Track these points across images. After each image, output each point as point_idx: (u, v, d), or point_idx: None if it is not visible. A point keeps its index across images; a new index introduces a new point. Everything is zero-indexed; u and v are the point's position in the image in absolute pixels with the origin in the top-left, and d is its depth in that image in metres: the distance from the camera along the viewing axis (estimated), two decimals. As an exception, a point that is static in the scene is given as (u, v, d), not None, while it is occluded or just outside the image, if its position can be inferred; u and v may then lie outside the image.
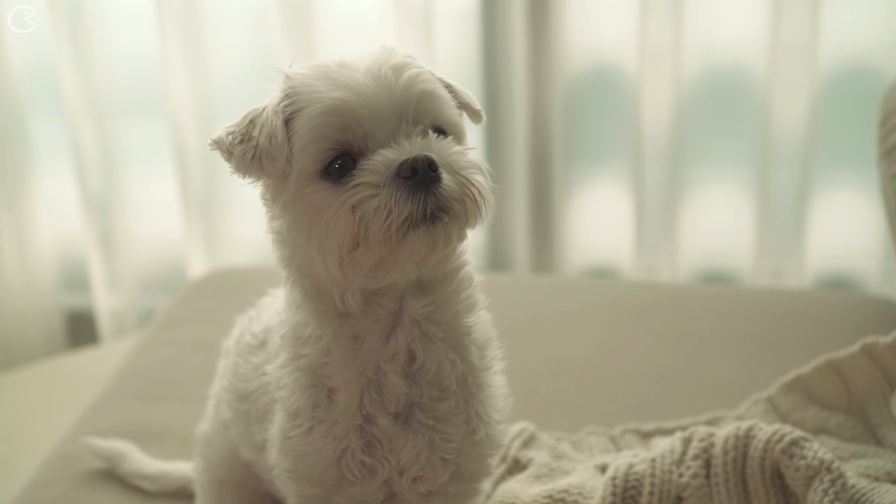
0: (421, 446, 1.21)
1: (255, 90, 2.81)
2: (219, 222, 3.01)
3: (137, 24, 2.88)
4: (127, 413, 1.85)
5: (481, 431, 1.25)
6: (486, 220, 1.16)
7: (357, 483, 1.23)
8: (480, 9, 2.75)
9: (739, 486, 1.47)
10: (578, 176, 2.88)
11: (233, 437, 1.45)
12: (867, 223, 2.78)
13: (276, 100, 1.16)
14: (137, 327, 3.10)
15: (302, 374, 1.22)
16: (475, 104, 1.24)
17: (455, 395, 1.22)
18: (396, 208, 1.08)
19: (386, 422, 1.21)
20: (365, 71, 1.14)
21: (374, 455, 1.22)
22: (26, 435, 2.43)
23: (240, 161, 1.15)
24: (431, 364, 1.21)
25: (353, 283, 1.15)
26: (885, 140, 1.93)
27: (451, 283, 1.21)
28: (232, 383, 1.41)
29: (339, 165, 1.12)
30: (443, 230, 1.11)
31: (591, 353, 1.99)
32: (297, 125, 1.14)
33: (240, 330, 1.44)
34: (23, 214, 3.03)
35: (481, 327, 1.27)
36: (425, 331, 1.20)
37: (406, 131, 1.13)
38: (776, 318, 2.06)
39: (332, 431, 1.22)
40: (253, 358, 1.37)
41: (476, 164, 1.15)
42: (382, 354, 1.19)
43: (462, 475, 1.27)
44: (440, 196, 1.10)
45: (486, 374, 1.27)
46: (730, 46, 2.69)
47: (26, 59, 2.95)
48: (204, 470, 1.52)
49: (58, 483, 1.69)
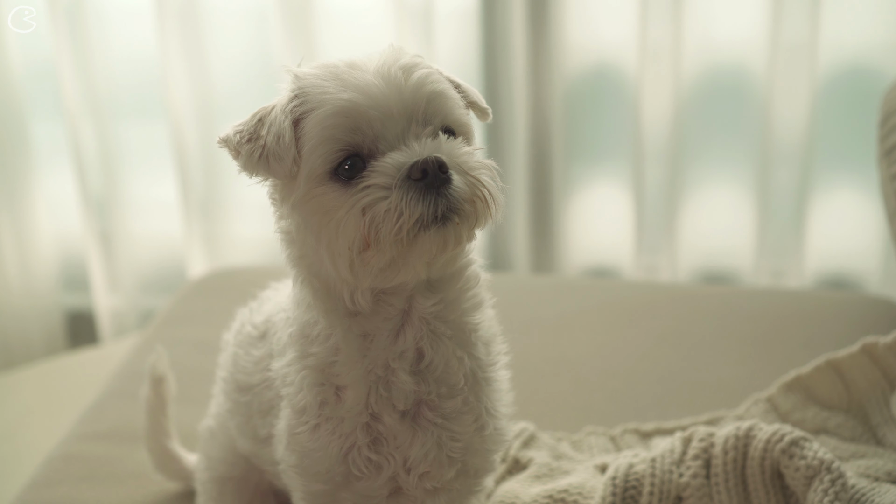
0: (429, 445, 1.22)
1: (256, 90, 2.82)
2: (219, 222, 3.01)
3: (137, 24, 2.88)
4: (127, 413, 1.85)
5: (490, 427, 1.26)
6: (495, 221, 1.16)
7: (363, 479, 1.23)
8: (480, 9, 2.76)
9: (739, 485, 1.47)
10: (578, 176, 2.88)
11: (231, 430, 1.45)
12: (867, 223, 2.78)
13: (286, 100, 1.16)
14: (137, 327, 3.10)
15: (310, 372, 1.23)
16: (482, 102, 1.25)
17: (463, 392, 1.23)
18: (407, 210, 1.09)
19: (392, 419, 1.21)
20: (374, 72, 1.14)
21: (380, 452, 1.23)
22: (26, 435, 2.43)
23: (247, 160, 1.16)
24: (439, 361, 1.21)
25: (364, 283, 1.15)
26: (885, 140, 1.93)
27: (458, 282, 1.22)
28: (231, 374, 1.41)
29: (349, 166, 1.12)
30: (453, 231, 1.12)
31: (591, 353, 1.99)
32: (307, 126, 1.14)
33: (240, 321, 1.45)
34: (23, 214, 3.03)
35: (487, 323, 1.27)
36: (434, 329, 1.21)
37: (416, 132, 1.14)
38: (776, 318, 2.06)
39: (339, 429, 1.22)
40: (254, 350, 1.38)
41: (486, 164, 1.16)
42: (391, 352, 1.20)
43: (468, 472, 1.28)
44: (451, 197, 1.10)
45: (492, 368, 1.28)
46: (730, 46, 2.69)
47: (26, 59, 2.95)
48: (206, 467, 1.52)
49: (58, 483, 1.69)
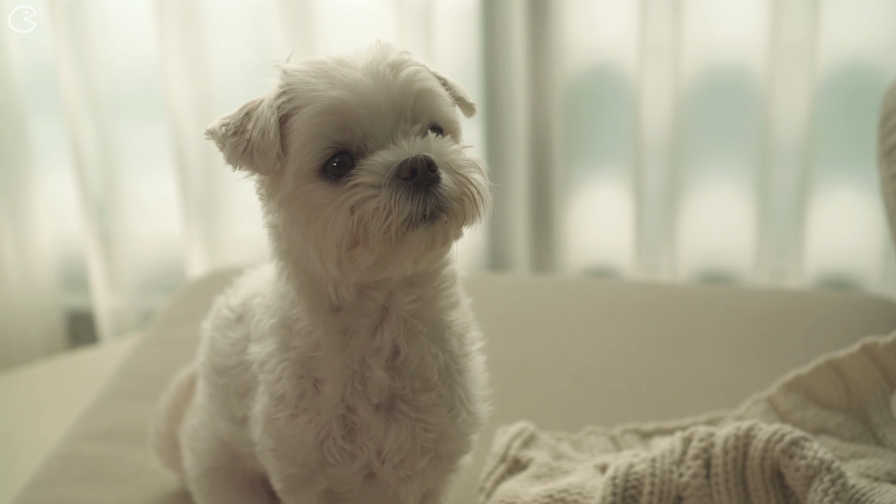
0: (404, 437, 1.24)
1: (255, 90, 2.81)
2: (219, 222, 3.01)
3: (137, 23, 2.88)
4: (127, 413, 1.85)
5: (463, 413, 1.28)
6: (484, 219, 1.17)
7: (337, 466, 1.26)
8: (480, 8, 2.75)
9: (739, 485, 1.47)
10: (578, 176, 2.88)
11: (211, 416, 1.46)
12: (867, 223, 2.78)
13: (273, 95, 1.17)
14: (137, 327, 3.10)
15: (290, 364, 1.24)
16: (469, 98, 1.25)
17: (437, 387, 1.25)
18: (396, 209, 1.09)
19: (367, 412, 1.24)
20: (363, 69, 1.14)
21: (354, 442, 1.25)
22: (26, 435, 2.43)
23: (231, 153, 1.16)
24: (414, 357, 1.23)
25: (351, 278, 1.17)
26: (885, 140, 1.93)
27: (436, 280, 1.24)
28: (210, 357, 1.42)
29: (338, 164, 1.13)
30: (441, 229, 1.12)
31: (591, 353, 1.99)
32: (295, 123, 1.14)
33: (217, 306, 1.46)
34: (23, 214, 3.03)
35: (461, 319, 1.29)
36: (411, 326, 1.23)
37: (404, 130, 1.14)
38: (776, 318, 2.06)
39: (316, 419, 1.25)
40: (230, 332, 1.39)
41: (474, 162, 1.16)
42: (368, 348, 1.22)
43: (441, 457, 1.30)
44: (439, 196, 1.11)
45: (465, 359, 1.30)
46: (730, 45, 2.69)
47: (26, 59, 2.95)
48: (195, 463, 1.53)
49: (58, 483, 1.69)
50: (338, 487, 1.30)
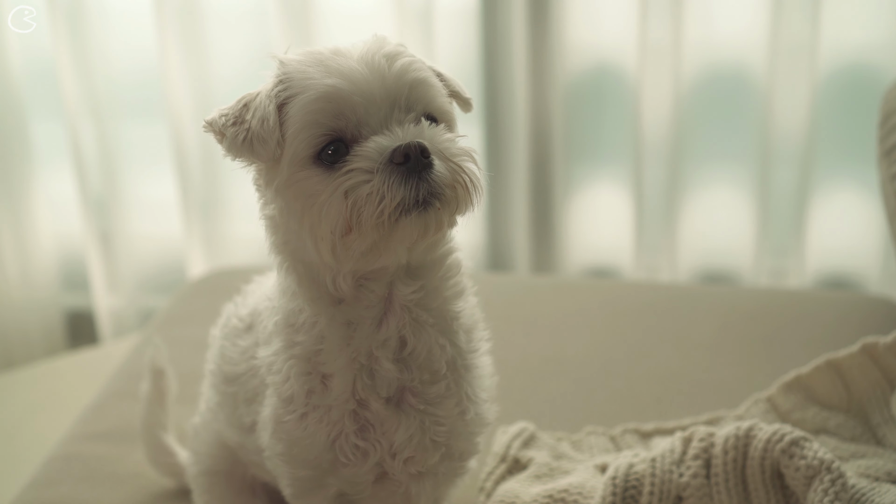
0: (413, 429, 1.24)
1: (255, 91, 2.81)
2: (219, 222, 3.01)
3: (137, 23, 2.88)
4: (127, 413, 1.85)
5: (471, 411, 1.28)
6: (476, 207, 1.18)
7: (350, 465, 1.25)
8: (480, 8, 2.75)
9: (739, 485, 1.47)
10: (579, 176, 2.88)
11: (219, 424, 1.46)
12: (867, 223, 2.77)
13: (270, 85, 1.18)
14: (137, 327, 3.10)
15: (296, 361, 1.24)
16: (465, 93, 1.27)
17: (445, 379, 1.25)
18: (389, 194, 1.10)
19: (378, 406, 1.23)
20: (358, 58, 1.16)
21: (367, 438, 1.25)
22: (26, 435, 2.43)
23: (231, 143, 1.18)
24: (422, 349, 1.23)
25: (345, 266, 1.17)
26: (885, 140, 1.93)
27: (439, 270, 1.24)
28: (219, 366, 1.42)
29: (332, 151, 1.14)
30: (434, 216, 1.13)
31: (591, 353, 1.99)
32: (291, 111, 1.16)
33: (226, 315, 1.46)
34: (23, 214, 3.03)
35: (468, 311, 1.29)
36: (416, 317, 1.22)
37: (398, 118, 1.15)
38: (776, 318, 2.06)
39: (327, 417, 1.24)
40: (240, 341, 1.39)
41: (467, 151, 1.17)
42: (374, 340, 1.22)
43: (452, 455, 1.30)
44: (432, 182, 1.12)
45: (473, 356, 1.30)
46: (730, 46, 2.69)
47: (26, 59, 2.95)
48: (194, 462, 1.54)
49: (58, 483, 1.69)
50: (349, 489, 1.29)
